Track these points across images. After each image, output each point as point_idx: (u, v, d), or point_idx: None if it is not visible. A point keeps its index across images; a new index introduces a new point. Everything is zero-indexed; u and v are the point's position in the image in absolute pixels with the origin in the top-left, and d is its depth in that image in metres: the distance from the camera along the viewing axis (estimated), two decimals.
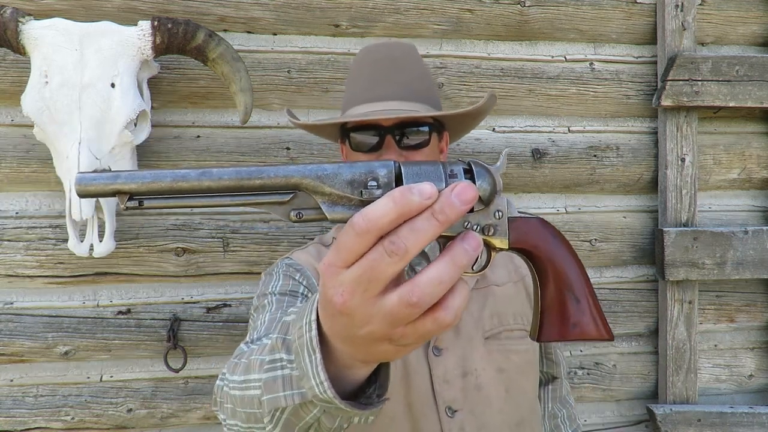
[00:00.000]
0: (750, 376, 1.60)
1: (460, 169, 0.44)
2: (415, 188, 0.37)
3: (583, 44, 1.53)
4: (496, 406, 0.90)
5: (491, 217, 0.46)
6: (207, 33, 1.20)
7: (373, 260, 0.38)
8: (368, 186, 0.42)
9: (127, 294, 1.37)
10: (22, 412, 1.33)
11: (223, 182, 0.42)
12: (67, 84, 1.12)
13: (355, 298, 0.39)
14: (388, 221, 0.37)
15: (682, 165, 1.50)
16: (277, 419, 0.55)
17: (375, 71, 0.96)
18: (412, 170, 0.43)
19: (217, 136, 1.39)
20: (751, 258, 1.48)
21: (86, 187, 0.41)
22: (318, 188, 0.42)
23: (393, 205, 0.37)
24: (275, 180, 0.42)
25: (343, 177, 0.42)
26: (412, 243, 0.37)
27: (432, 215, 0.38)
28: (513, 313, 0.97)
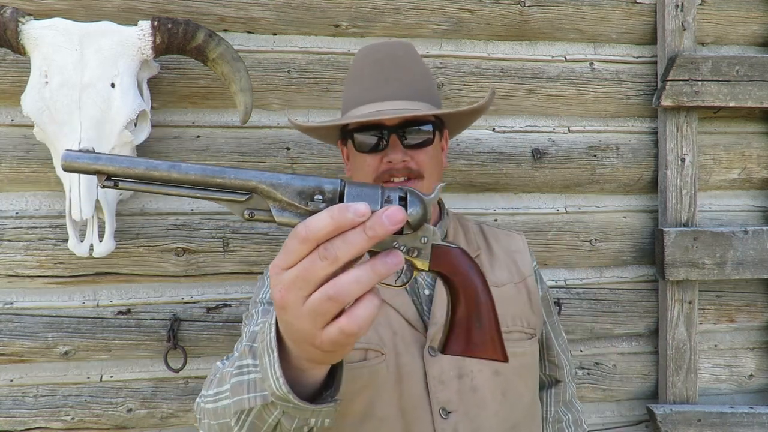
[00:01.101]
0: (750, 376, 1.60)
1: (396, 195, 0.50)
2: (351, 207, 0.44)
3: (583, 44, 1.53)
4: (491, 408, 0.90)
5: (418, 241, 0.52)
6: (207, 33, 1.20)
7: (309, 263, 0.44)
8: (314, 199, 0.48)
9: (127, 294, 1.37)
10: (22, 412, 1.33)
11: (189, 176, 0.48)
12: (67, 84, 1.12)
13: (291, 294, 0.45)
14: (325, 233, 0.43)
15: (682, 165, 1.50)
16: (243, 422, 0.60)
17: (377, 71, 0.95)
18: (354, 190, 0.48)
19: (217, 136, 1.39)
20: (751, 258, 1.48)
21: (71, 164, 0.47)
22: (271, 194, 0.48)
23: (330, 220, 0.43)
24: (234, 181, 0.48)
25: (294, 187, 0.48)
26: (343, 252, 0.44)
27: (363, 230, 0.44)
28: (512, 315, 0.96)
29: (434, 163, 0.95)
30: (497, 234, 1.08)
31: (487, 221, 1.49)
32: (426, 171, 0.93)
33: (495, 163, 1.49)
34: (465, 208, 1.49)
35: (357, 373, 0.86)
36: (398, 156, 0.90)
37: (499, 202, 1.51)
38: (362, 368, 0.86)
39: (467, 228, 1.06)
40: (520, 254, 1.05)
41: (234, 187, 0.48)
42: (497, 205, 1.51)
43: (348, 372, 0.81)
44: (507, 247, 1.05)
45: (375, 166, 0.92)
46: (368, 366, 0.86)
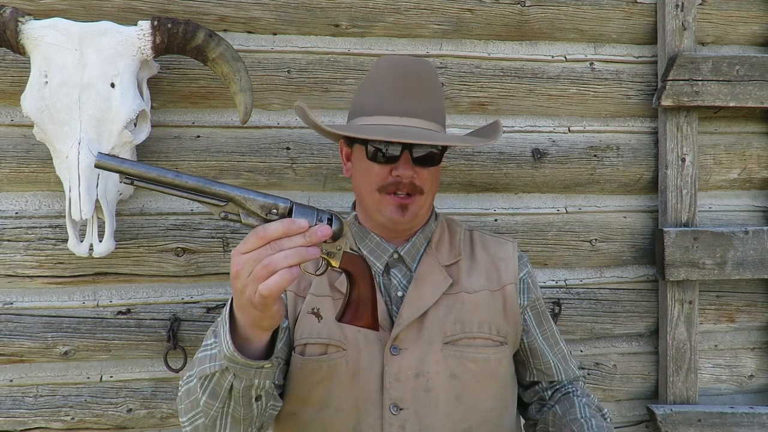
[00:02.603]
0: (750, 377, 1.60)
1: (326, 217, 0.73)
2: (297, 221, 0.66)
3: (584, 44, 1.53)
4: (442, 410, 0.93)
5: (335, 247, 0.77)
6: (207, 33, 1.20)
7: (260, 252, 0.65)
8: (271, 212, 0.69)
9: (127, 294, 1.37)
10: (22, 412, 1.33)
11: (189, 184, 0.66)
12: (67, 84, 1.12)
13: (244, 269, 0.65)
14: (276, 235, 0.65)
15: (683, 165, 1.50)
16: (205, 387, 0.77)
17: (400, 85, 0.96)
18: (299, 210, 0.71)
19: (217, 136, 1.39)
20: (752, 258, 1.48)
21: (103, 163, 0.63)
22: (242, 204, 0.68)
23: (281, 227, 0.65)
24: (220, 192, 0.67)
25: (259, 202, 0.69)
26: (286, 246, 0.65)
27: (303, 236, 0.66)
28: (479, 321, 0.98)
29: (434, 181, 1.00)
30: (487, 241, 1.10)
31: (485, 223, 1.49)
32: (426, 188, 0.98)
33: (495, 163, 1.48)
34: (465, 208, 1.49)
35: (317, 365, 0.95)
36: (408, 172, 0.94)
37: (499, 202, 1.51)
38: (321, 362, 0.95)
39: (454, 234, 1.09)
40: (506, 262, 1.06)
41: (218, 195, 0.67)
42: (497, 205, 1.51)
43: (309, 364, 0.96)
44: (494, 254, 1.07)
45: (383, 176, 0.95)
46: (327, 360, 0.94)
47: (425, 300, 0.97)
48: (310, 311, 0.97)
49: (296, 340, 0.97)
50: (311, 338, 0.96)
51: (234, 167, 1.39)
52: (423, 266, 1.01)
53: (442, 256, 1.04)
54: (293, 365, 0.97)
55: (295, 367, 0.96)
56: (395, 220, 0.96)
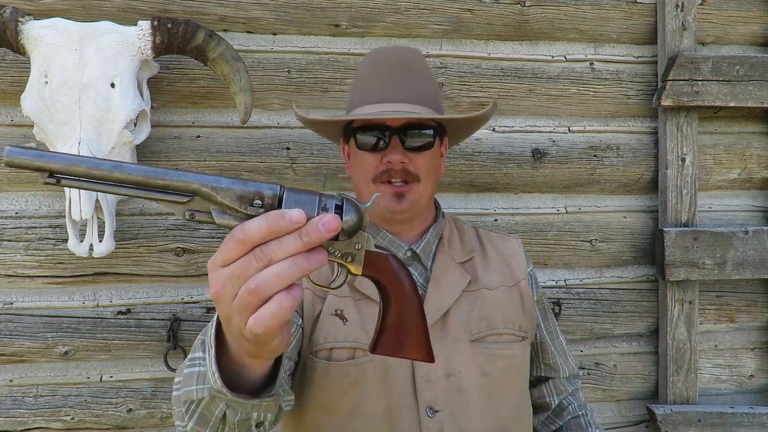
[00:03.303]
0: (750, 377, 1.60)
1: (333, 204, 0.52)
2: (287, 213, 0.46)
3: (584, 44, 1.53)
4: (477, 409, 0.90)
5: (352, 247, 0.55)
6: (207, 33, 1.20)
7: (243, 262, 0.47)
8: (253, 204, 0.50)
9: (127, 294, 1.37)
10: (22, 412, 1.33)
11: (132, 177, 0.48)
12: (67, 84, 1.12)
13: (225, 290, 0.48)
14: (260, 236, 0.46)
15: (683, 165, 1.50)
16: (192, 412, 0.64)
17: (384, 73, 0.96)
18: (292, 197, 0.51)
19: (217, 136, 1.39)
20: (752, 258, 1.48)
21: (14, 160, 0.46)
22: (212, 197, 0.50)
23: (266, 225, 0.46)
24: (177, 183, 0.49)
25: (234, 192, 0.50)
26: (276, 254, 0.46)
27: (299, 236, 0.47)
28: (503, 318, 0.97)
29: (432, 167, 0.96)
30: (493, 237, 1.09)
31: (485, 223, 1.49)
32: (423, 174, 0.94)
33: (495, 163, 1.48)
34: (465, 208, 1.49)
35: (345, 371, 0.88)
36: (397, 157, 0.91)
37: (499, 202, 1.51)
38: (350, 366, 0.88)
39: (463, 230, 1.07)
40: (515, 258, 1.05)
41: (176, 188, 0.49)
42: (497, 205, 1.51)
43: (337, 370, 0.88)
44: (502, 251, 1.06)
45: (375, 165, 0.93)
46: (355, 364, 0.88)
47: (446, 298, 0.95)
48: (334, 313, 0.92)
49: (319, 344, 0.90)
50: (337, 342, 0.90)
51: (234, 167, 1.39)
52: (438, 264, 0.98)
53: (455, 252, 1.01)
54: (317, 372, 0.89)
55: (320, 373, 0.89)
56: (392, 209, 0.94)
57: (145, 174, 0.49)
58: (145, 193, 0.49)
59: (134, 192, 0.49)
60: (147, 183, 0.49)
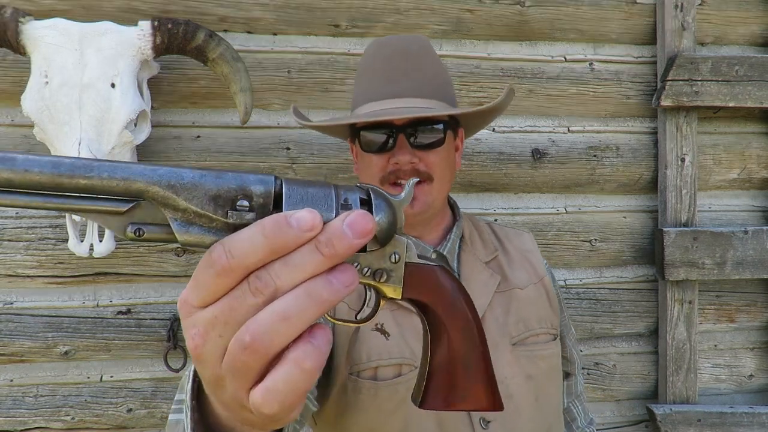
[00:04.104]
0: (750, 376, 1.60)
1: (356, 197, 0.36)
2: (293, 217, 0.31)
3: (583, 44, 1.53)
4: (526, 414, 0.86)
5: (386, 260, 0.38)
6: (207, 33, 1.20)
7: (233, 299, 0.31)
8: (237, 206, 0.33)
9: (127, 294, 1.37)
10: (22, 412, 1.33)
11: (32, 176, 0.30)
12: (67, 84, 1.12)
13: (208, 344, 0.32)
14: (256, 260, 0.30)
15: (682, 165, 1.50)
16: None
17: (389, 66, 0.89)
18: (295, 192, 0.34)
19: (217, 136, 1.39)
20: (751, 258, 1.48)
21: None
22: (169, 200, 0.32)
23: (263, 240, 0.30)
24: (110, 182, 0.31)
25: (206, 189, 0.33)
26: (284, 280, 0.31)
27: (316, 248, 0.31)
28: (537, 318, 0.93)
29: (445, 165, 0.89)
30: (508, 233, 1.03)
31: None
32: (436, 173, 0.87)
33: (495, 163, 1.49)
34: (465, 209, 1.49)
35: (392, 390, 0.81)
36: (405, 157, 0.85)
37: (499, 202, 1.51)
38: (397, 384, 0.81)
39: (480, 228, 1.01)
40: (533, 254, 1.01)
41: (110, 190, 0.31)
42: (497, 205, 1.51)
43: (385, 390, 0.80)
44: (520, 247, 1.00)
45: (381, 166, 0.88)
46: (403, 381, 0.82)
47: (479, 301, 0.88)
48: (375, 328, 0.84)
49: (362, 363, 0.82)
50: (382, 359, 0.82)
51: (234, 167, 1.38)
52: (465, 266, 0.92)
53: (479, 252, 0.95)
54: (362, 393, 0.82)
55: (366, 395, 0.81)
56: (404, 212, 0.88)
57: (54, 170, 0.30)
58: (59, 203, 0.31)
59: (39, 202, 0.31)
60: (61, 184, 0.30)
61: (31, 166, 0.30)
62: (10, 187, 0.30)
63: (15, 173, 0.30)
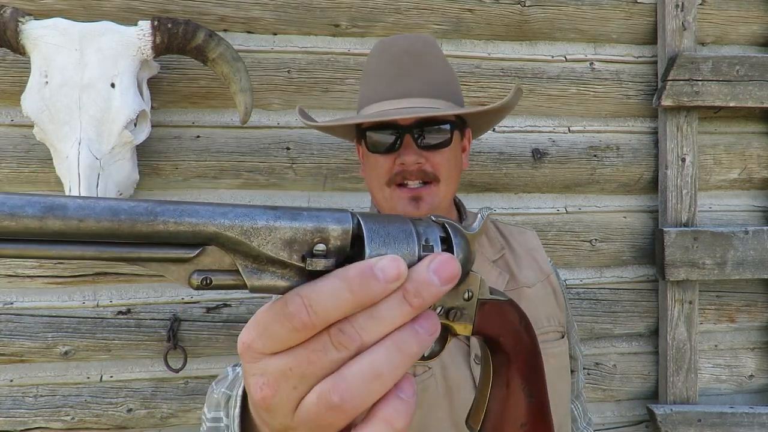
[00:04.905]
0: (750, 377, 1.60)
1: (437, 237, 0.33)
2: (377, 268, 0.28)
3: (583, 44, 1.53)
4: None
5: (459, 298, 0.36)
6: (207, 33, 1.20)
7: (312, 352, 0.28)
8: (315, 251, 0.30)
9: (127, 294, 1.37)
10: (22, 412, 1.33)
11: (88, 227, 0.26)
12: (67, 84, 1.12)
13: (279, 396, 0.29)
14: (340, 314, 0.28)
15: (683, 165, 1.50)
16: None
17: (395, 66, 0.88)
18: (376, 233, 0.31)
19: (217, 136, 1.39)
20: (752, 258, 1.48)
21: None
22: (241, 246, 0.29)
23: (349, 295, 0.28)
24: (177, 228, 0.27)
25: (281, 233, 0.29)
26: (370, 334, 0.28)
27: (404, 298, 0.29)
28: (546, 315, 0.93)
29: (452, 166, 0.88)
30: (512, 231, 1.02)
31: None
32: (442, 174, 0.86)
33: (495, 163, 1.48)
34: None
35: None
36: (412, 158, 0.84)
37: (499, 202, 1.51)
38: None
39: (486, 227, 1.00)
40: (538, 251, 1.01)
41: (175, 238, 0.28)
42: (497, 205, 1.51)
43: None
44: (525, 245, 1.00)
45: (388, 167, 0.87)
46: (419, 382, 0.81)
47: None
48: None
49: None
50: None
51: (234, 167, 1.39)
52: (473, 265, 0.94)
53: (486, 251, 0.94)
54: None
55: None
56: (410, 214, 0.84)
57: (113, 219, 0.26)
58: (115, 252, 0.27)
59: (93, 252, 0.26)
60: (119, 233, 0.26)
61: (87, 215, 0.26)
62: (62, 239, 0.26)
63: (67, 224, 0.25)
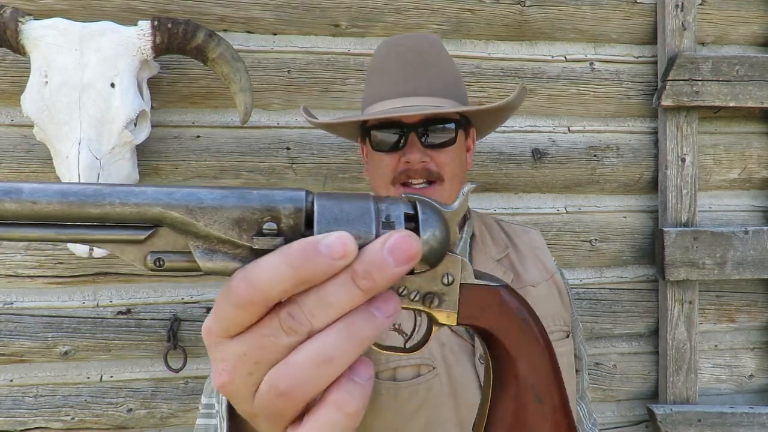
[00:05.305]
0: (750, 376, 1.60)
1: (400, 212, 0.31)
2: (323, 242, 0.27)
3: (583, 44, 1.53)
4: None
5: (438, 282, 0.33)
6: (207, 33, 1.20)
7: (263, 337, 0.28)
8: (264, 230, 0.29)
9: (127, 294, 1.37)
10: (22, 412, 1.33)
11: (41, 208, 0.28)
12: (67, 84, 1.12)
13: (237, 382, 0.29)
14: (280, 291, 0.27)
15: (683, 165, 1.50)
16: None
17: (400, 65, 0.89)
18: (330, 209, 0.30)
19: (217, 136, 1.39)
20: (752, 258, 1.48)
21: None
22: (189, 226, 0.29)
23: (289, 270, 0.27)
24: (123, 210, 0.28)
25: (228, 212, 0.29)
26: (319, 319, 0.27)
27: (352, 280, 0.27)
28: (552, 315, 0.92)
29: (456, 165, 0.88)
30: (516, 230, 1.02)
31: None
32: (447, 173, 0.86)
33: (495, 163, 1.49)
34: None
35: (413, 390, 0.81)
36: (416, 156, 0.84)
37: (499, 203, 1.51)
38: (418, 385, 0.81)
39: (490, 225, 0.99)
40: (542, 250, 1.00)
41: (124, 219, 0.29)
42: (497, 205, 1.51)
43: (404, 391, 0.80)
44: (529, 244, 0.99)
45: (392, 166, 0.86)
46: (423, 382, 0.81)
47: None
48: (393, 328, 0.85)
49: (381, 364, 0.82)
50: (401, 360, 0.82)
51: (234, 167, 1.39)
52: (477, 264, 0.91)
53: (490, 249, 0.94)
54: (383, 395, 0.81)
55: (386, 396, 0.81)
56: None
57: (63, 200, 0.28)
58: (71, 234, 0.28)
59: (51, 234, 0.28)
60: (70, 215, 0.28)
61: (39, 197, 0.28)
62: (19, 220, 0.28)
63: (22, 205, 0.27)
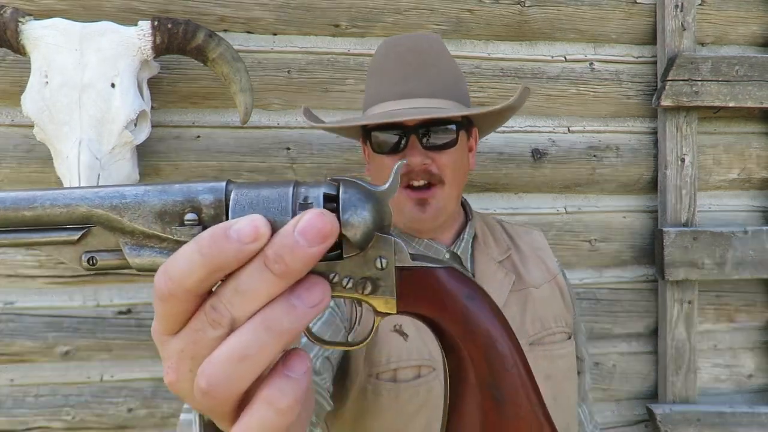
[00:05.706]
0: (750, 376, 1.60)
1: (319, 193, 0.30)
2: (231, 228, 0.26)
3: (583, 44, 1.53)
4: None
5: (371, 266, 0.31)
6: (207, 33, 1.20)
7: (195, 331, 0.27)
8: (185, 221, 0.29)
9: (128, 294, 1.37)
10: (23, 411, 1.33)
11: None
12: (67, 84, 1.12)
13: (181, 381, 0.29)
14: (195, 280, 0.26)
15: (682, 165, 1.50)
16: None
17: (401, 66, 0.88)
18: (245, 196, 0.29)
19: (217, 136, 1.39)
20: (751, 258, 1.49)
21: None
22: (115, 223, 0.30)
23: (200, 258, 0.26)
24: (54, 211, 0.29)
25: (150, 206, 0.30)
26: (238, 309, 0.26)
27: (265, 265, 0.26)
28: (554, 316, 0.92)
29: (458, 166, 0.88)
30: (518, 231, 1.02)
31: None
32: (448, 175, 0.86)
33: (495, 163, 1.49)
34: None
35: (413, 391, 0.80)
36: (417, 159, 0.83)
37: (499, 202, 1.52)
38: (419, 386, 0.81)
39: (492, 226, 0.99)
40: (544, 251, 1.00)
41: (56, 220, 0.30)
42: (497, 205, 1.51)
43: (405, 392, 0.80)
44: (531, 245, 0.99)
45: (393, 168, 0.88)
46: (423, 383, 0.81)
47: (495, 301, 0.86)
48: (393, 329, 0.83)
49: (382, 365, 0.81)
50: (401, 361, 0.81)
51: (234, 167, 1.39)
52: (479, 265, 0.91)
53: (492, 251, 0.94)
54: (383, 396, 0.81)
55: (387, 397, 0.81)
56: (417, 218, 0.86)
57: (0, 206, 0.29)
58: (10, 239, 0.30)
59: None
60: (7, 220, 0.29)
61: None
62: None
63: None
